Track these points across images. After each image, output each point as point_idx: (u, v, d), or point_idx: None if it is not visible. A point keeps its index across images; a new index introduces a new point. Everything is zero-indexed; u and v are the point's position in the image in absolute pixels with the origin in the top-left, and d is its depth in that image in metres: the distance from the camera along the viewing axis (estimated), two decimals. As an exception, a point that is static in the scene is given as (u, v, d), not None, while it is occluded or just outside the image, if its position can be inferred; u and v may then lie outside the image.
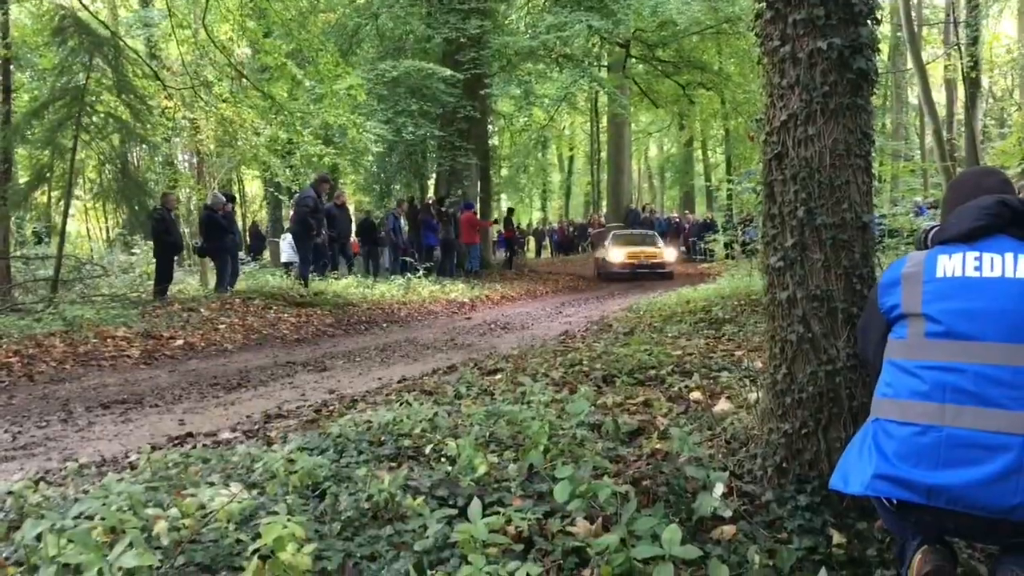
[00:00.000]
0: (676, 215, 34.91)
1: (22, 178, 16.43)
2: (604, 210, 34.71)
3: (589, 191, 44.67)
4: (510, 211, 30.63)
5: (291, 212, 18.62)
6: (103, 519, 2.21)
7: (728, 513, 2.88)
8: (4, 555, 2.36)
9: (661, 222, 31.98)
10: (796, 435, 3.08)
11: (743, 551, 2.68)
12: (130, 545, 1.87)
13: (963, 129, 19.36)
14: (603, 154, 37.59)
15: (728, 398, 4.66)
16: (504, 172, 37.51)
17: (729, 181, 17.41)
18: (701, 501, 2.90)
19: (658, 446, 3.74)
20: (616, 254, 23.43)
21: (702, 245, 25.85)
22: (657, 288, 17.75)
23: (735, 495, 3.09)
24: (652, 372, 5.69)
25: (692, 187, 42.12)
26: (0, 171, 13.50)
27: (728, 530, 2.83)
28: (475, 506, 2.55)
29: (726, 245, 16.12)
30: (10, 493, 2.94)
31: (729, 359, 6.05)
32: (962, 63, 16.62)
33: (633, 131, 37.62)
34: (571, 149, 47.72)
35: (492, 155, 29.07)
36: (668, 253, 23.36)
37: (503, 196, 41.25)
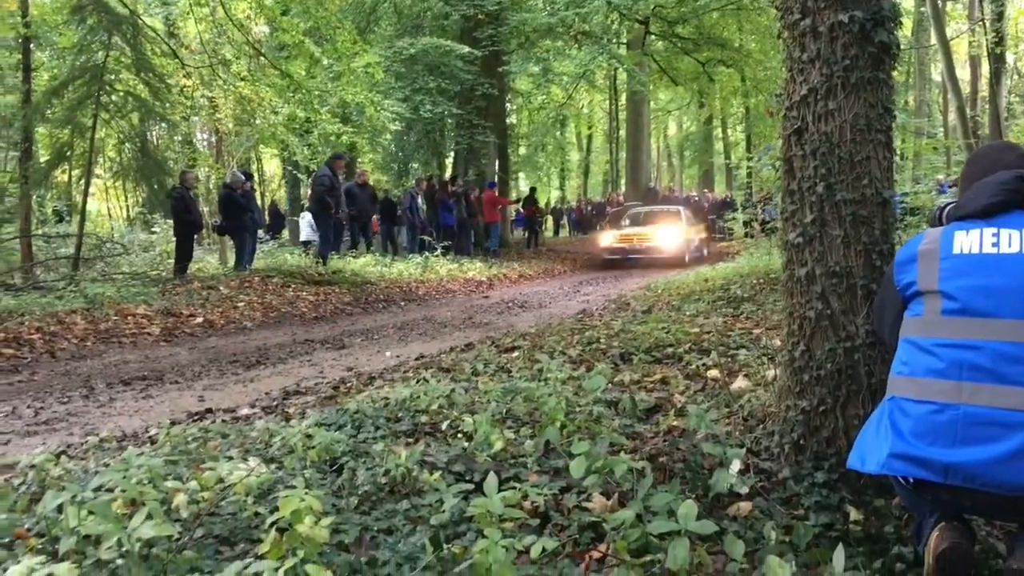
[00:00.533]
0: (695, 194, 34.69)
1: (43, 157, 16.54)
2: (623, 189, 34.57)
3: (607, 170, 44.51)
4: (532, 190, 30.53)
5: (309, 191, 18.66)
6: (123, 491, 2.23)
7: (745, 490, 2.88)
8: (26, 526, 2.39)
9: (680, 201, 31.80)
10: (814, 412, 3.06)
11: (759, 527, 2.67)
12: (149, 516, 1.89)
13: (987, 106, 19.10)
14: (622, 132, 37.39)
15: (746, 376, 4.65)
16: (522, 151, 37.43)
17: (748, 159, 17.33)
18: (718, 478, 2.90)
19: (675, 423, 3.74)
20: (606, 237, 21.12)
21: (721, 224, 25.49)
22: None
23: (752, 472, 3.08)
24: (670, 350, 5.68)
25: (711, 166, 41.86)
26: (21, 150, 13.59)
27: (745, 506, 2.83)
28: (491, 481, 2.55)
29: (745, 224, 16.04)
30: (32, 467, 2.98)
31: (747, 337, 6.02)
32: (987, 39, 16.39)
33: (652, 109, 37.33)
34: (590, 128, 47.46)
35: (510, 133, 29.01)
36: (668, 236, 19.74)
37: (521, 175, 41.17)
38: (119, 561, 1.91)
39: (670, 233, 19.91)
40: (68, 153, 14.23)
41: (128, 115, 14.38)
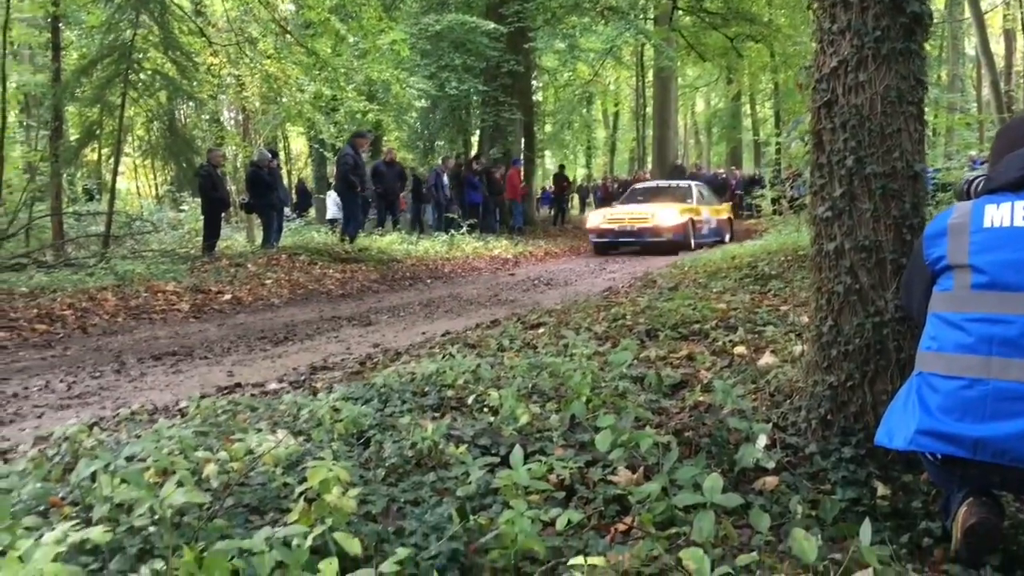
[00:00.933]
0: (723, 171, 34.39)
1: (72, 136, 16.70)
2: (649, 166, 34.36)
3: (634, 147, 44.20)
4: (561, 167, 30.46)
5: (334, 169, 18.73)
6: (155, 461, 2.27)
7: (771, 464, 2.87)
8: (60, 495, 2.44)
9: (707, 178, 31.53)
10: (841, 387, 3.04)
11: (785, 501, 2.67)
12: (180, 484, 1.92)
13: (1021, 80, 18.75)
14: (648, 109, 37.09)
15: (773, 352, 4.62)
16: (548, 128, 37.23)
17: (777, 136, 17.14)
18: (744, 452, 2.89)
19: (701, 398, 3.74)
20: (594, 217, 18.07)
21: (749, 201, 25.14)
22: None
23: (778, 447, 3.07)
24: (696, 327, 5.66)
25: (739, 142, 41.45)
26: (51, 129, 13.72)
27: (771, 481, 2.82)
28: (517, 453, 2.57)
29: (773, 201, 15.89)
30: (65, 438, 3.03)
31: (774, 314, 5.99)
32: (1021, 12, 16.05)
33: (679, 86, 36.96)
34: (616, 104, 47.09)
35: (536, 111, 28.84)
36: (668, 216, 16.57)
37: (547, 153, 41.00)
38: (151, 528, 1.94)
39: (670, 213, 16.62)
40: (97, 132, 14.35)
41: (156, 93, 14.47)
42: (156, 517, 1.90)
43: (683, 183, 19.86)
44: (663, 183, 20.47)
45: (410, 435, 3.06)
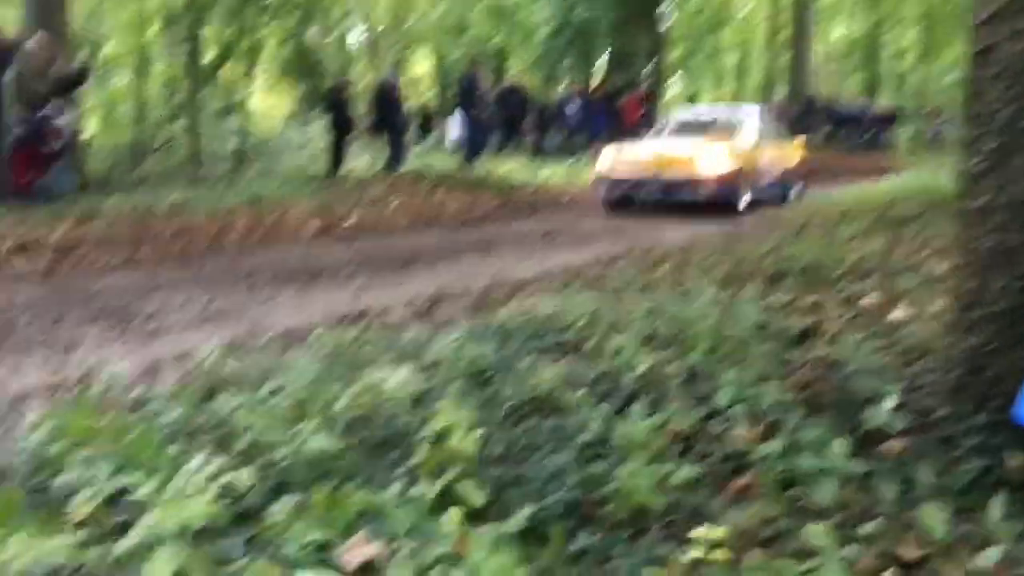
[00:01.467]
0: (858, 103, 32.81)
1: (207, 56, 17.22)
2: (780, 96, 33.09)
3: (766, 76, 42.55)
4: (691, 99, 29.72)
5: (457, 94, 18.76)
6: (289, 395, 2.37)
7: (898, 427, 2.78)
8: (198, 422, 2.57)
9: (840, 111, 30.13)
10: (980, 351, 2.90)
11: (912, 468, 2.58)
12: (315, 426, 2.00)
13: None
14: (781, 36, 35.56)
15: (907, 304, 4.44)
16: (676, 55, 36.18)
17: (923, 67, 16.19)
18: (870, 413, 2.81)
19: (827, 352, 3.63)
20: (605, 159, 12.30)
21: (885, 136, 23.91)
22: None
23: (907, 409, 2.97)
24: (824, 273, 5.48)
25: (878, 73, 39.38)
26: (188, 48, 14.21)
27: (897, 445, 2.74)
28: (636, 405, 2.57)
29: (911, 139, 15.09)
30: (204, 363, 3.19)
31: (910, 261, 5.74)
32: None
33: (817, 11, 35.24)
34: (749, 32, 45.29)
35: (664, 38, 28.05)
36: (709, 160, 11.37)
37: (673, 80, 39.92)
38: (286, 463, 2.04)
39: (714, 155, 11.40)
40: (231, 52, 14.79)
41: (288, 15, 14.76)
42: (292, 451, 1.99)
43: (738, 110, 14.26)
44: (709, 110, 15.47)
45: (529, 378, 3.09)
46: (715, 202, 11.29)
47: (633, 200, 11.93)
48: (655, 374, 3.30)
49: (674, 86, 41.47)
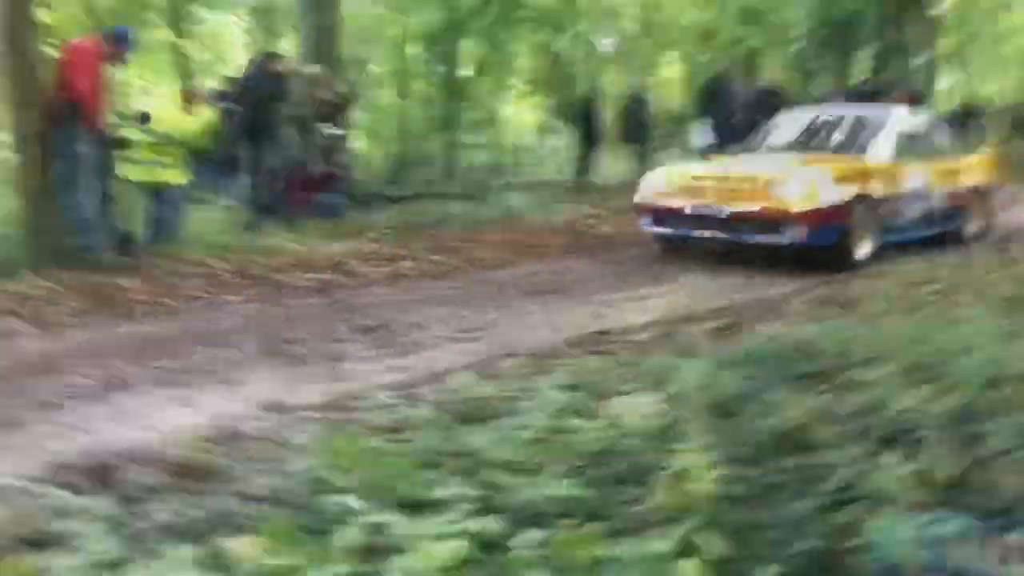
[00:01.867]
0: None
1: (463, 71, 18.05)
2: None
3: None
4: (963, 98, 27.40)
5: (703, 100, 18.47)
6: (534, 430, 2.47)
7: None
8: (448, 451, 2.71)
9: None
10: None
11: None
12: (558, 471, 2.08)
13: None
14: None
15: None
16: (947, 44, 33.33)
17: None
18: None
19: None
20: (654, 180, 8.86)
21: None
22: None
23: None
24: None
25: None
26: (447, 63, 14.94)
27: None
28: (893, 450, 2.44)
29: None
30: (458, 387, 3.36)
31: None
32: None
33: None
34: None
35: (936, 27, 25.97)
36: (796, 186, 7.50)
37: (942, 73, 36.84)
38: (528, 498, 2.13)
39: (808, 180, 7.65)
40: (486, 66, 15.44)
41: (540, 30, 15.20)
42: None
43: (879, 111, 9.79)
44: (837, 110, 10.46)
45: (778, 411, 3.01)
46: (809, 248, 7.63)
47: (679, 240, 8.60)
48: (918, 411, 3.09)
49: (947, 79, 38.37)
